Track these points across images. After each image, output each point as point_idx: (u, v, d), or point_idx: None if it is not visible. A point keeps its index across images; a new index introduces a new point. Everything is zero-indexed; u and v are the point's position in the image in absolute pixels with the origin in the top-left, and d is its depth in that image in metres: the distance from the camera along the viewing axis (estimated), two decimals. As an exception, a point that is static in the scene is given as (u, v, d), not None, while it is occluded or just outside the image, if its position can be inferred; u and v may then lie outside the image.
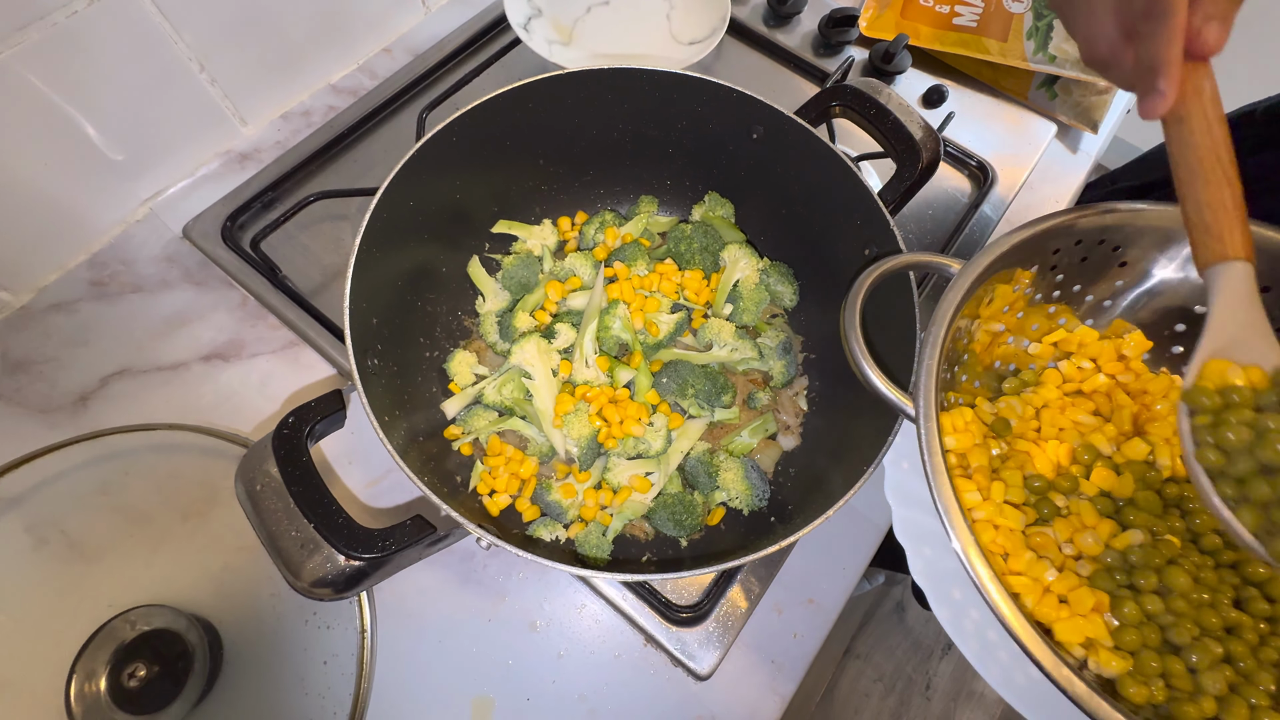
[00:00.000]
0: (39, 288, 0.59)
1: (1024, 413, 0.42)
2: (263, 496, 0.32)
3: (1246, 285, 0.34)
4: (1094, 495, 0.39)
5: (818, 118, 0.50)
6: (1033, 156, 0.74)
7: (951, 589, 0.37)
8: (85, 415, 0.55)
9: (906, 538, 0.38)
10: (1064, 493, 0.38)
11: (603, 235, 0.58)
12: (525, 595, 0.52)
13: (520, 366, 0.51)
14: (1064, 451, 0.40)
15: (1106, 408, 0.43)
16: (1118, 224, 0.41)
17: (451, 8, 0.78)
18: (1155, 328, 0.45)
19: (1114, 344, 0.44)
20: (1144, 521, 0.37)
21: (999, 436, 0.41)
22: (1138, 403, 0.42)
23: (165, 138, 0.61)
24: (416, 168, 0.46)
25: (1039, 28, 0.75)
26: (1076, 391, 0.43)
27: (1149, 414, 0.41)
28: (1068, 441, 0.41)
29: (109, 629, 0.47)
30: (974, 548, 0.31)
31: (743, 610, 0.51)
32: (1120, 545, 0.36)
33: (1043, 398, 0.42)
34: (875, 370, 0.36)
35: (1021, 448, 0.40)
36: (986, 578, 0.30)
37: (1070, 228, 0.39)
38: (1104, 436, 0.40)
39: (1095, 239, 0.41)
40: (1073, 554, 0.36)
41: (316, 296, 0.60)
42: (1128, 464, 0.39)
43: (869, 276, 0.39)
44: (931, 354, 0.35)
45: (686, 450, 0.51)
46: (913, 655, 1.46)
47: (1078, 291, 0.44)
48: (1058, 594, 0.34)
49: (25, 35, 0.48)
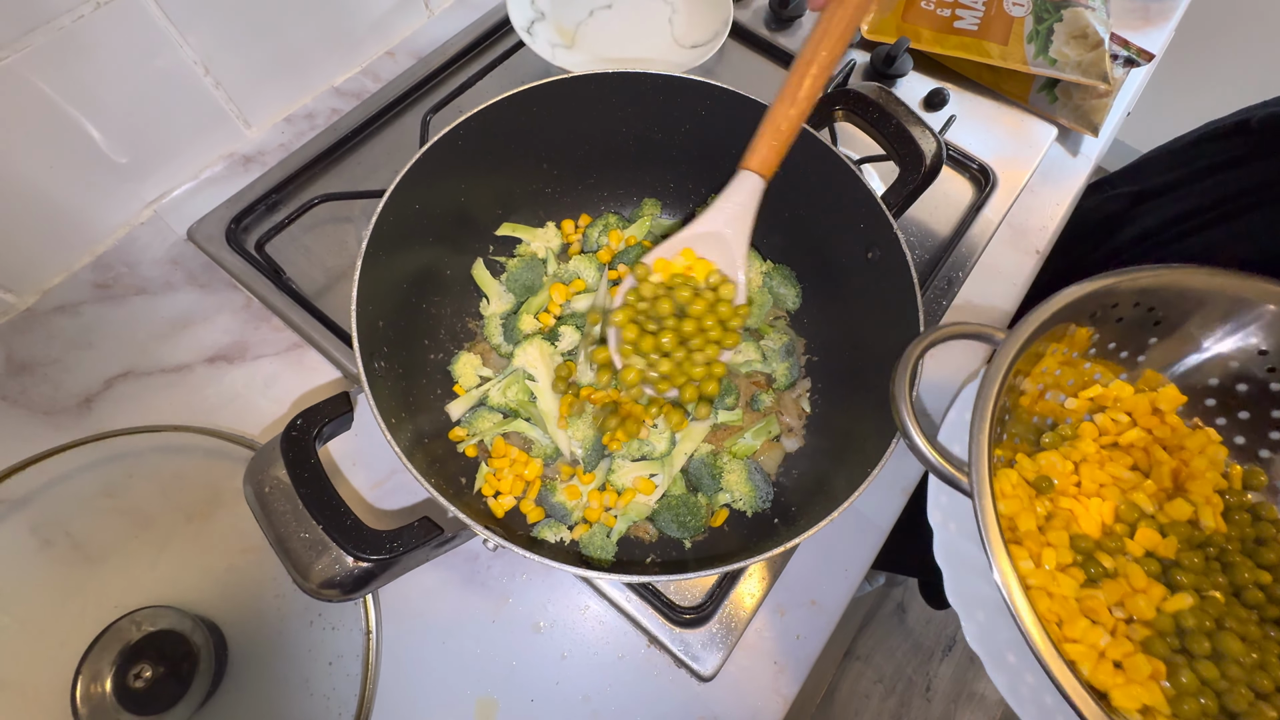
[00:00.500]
0: (44, 290, 0.59)
1: (1064, 468, 0.42)
2: (271, 498, 0.33)
3: (750, 195, 0.45)
4: (1140, 556, 0.39)
5: (820, 121, 0.50)
6: (1033, 159, 0.74)
7: (1007, 654, 0.37)
8: (90, 417, 0.55)
9: (959, 602, 0.39)
10: (1110, 553, 0.39)
11: (606, 238, 0.58)
12: (529, 596, 0.52)
13: (524, 369, 0.51)
14: (1108, 510, 0.41)
15: (1145, 463, 0.43)
16: (1153, 286, 0.42)
17: (455, 11, 0.78)
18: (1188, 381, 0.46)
19: (1148, 397, 0.45)
20: (1191, 582, 0.37)
21: (1042, 493, 0.41)
22: (1176, 458, 0.43)
23: (170, 140, 0.62)
24: (422, 171, 0.46)
25: (1039, 31, 0.76)
26: (1113, 445, 0.44)
27: (1188, 471, 0.42)
28: (1110, 499, 0.41)
29: (114, 630, 0.47)
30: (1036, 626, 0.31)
31: (746, 612, 0.51)
32: (1171, 609, 0.36)
33: (1081, 451, 0.43)
34: (927, 444, 0.37)
35: (1065, 505, 0.41)
36: (1047, 655, 0.30)
37: (1110, 291, 0.40)
38: (1145, 495, 0.41)
39: (1131, 301, 0.42)
40: (1124, 617, 0.37)
41: (320, 299, 0.60)
42: (1171, 524, 0.40)
43: (916, 348, 0.40)
44: (982, 428, 0.35)
45: (690, 452, 0.52)
46: (913, 657, 1.46)
47: (1113, 349, 0.45)
48: (1113, 659, 0.35)
49: (31, 39, 0.48)
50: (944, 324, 0.41)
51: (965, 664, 1.46)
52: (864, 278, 0.50)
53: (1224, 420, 0.45)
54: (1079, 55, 0.74)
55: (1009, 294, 0.67)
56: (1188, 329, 0.44)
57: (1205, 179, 0.62)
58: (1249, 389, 0.44)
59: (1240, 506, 0.41)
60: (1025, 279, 0.69)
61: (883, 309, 0.47)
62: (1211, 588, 0.37)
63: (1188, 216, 0.61)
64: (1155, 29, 0.88)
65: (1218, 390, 0.45)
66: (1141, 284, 0.41)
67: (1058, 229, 0.72)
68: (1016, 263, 0.69)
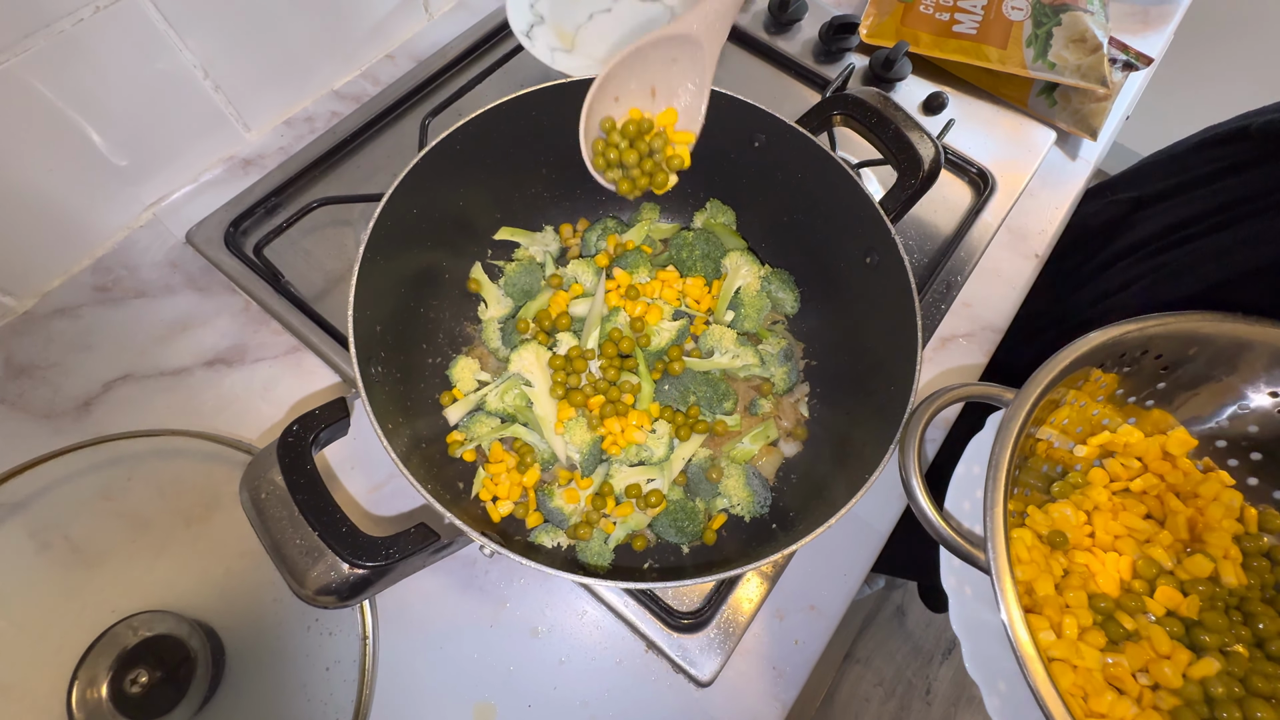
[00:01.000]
0: (43, 293, 0.59)
1: (1076, 519, 0.42)
2: (267, 504, 0.33)
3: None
4: (1161, 616, 0.39)
5: (819, 126, 0.50)
6: (1032, 163, 0.74)
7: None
8: (88, 420, 0.55)
9: (979, 673, 0.38)
10: (1131, 613, 0.38)
11: (605, 242, 0.58)
12: (526, 602, 0.52)
13: (520, 374, 0.51)
14: (1125, 565, 0.41)
15: (1159, 511, 0.43)
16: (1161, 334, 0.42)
17: (454, 14, 0.78)
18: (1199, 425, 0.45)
19: (1158, 441, 0.44)
20: (1215, 642, 0.37)
21: (1056, 549, 0.41)
22: (1190, 506, 0.43)
23: (169, 143, 0.62)
24: (419, 176, 0.46)
25: (1038, 35, 0.76)
26: (1125, 491, 0.44)
27: (1204, 520, 0.42)
28: (1127, 552, 0.41)
29: (111, 634, 0.47)
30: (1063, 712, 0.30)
31: (744, 617, 0.51)
32: (1197, 675, 0.36)
33: (1093, 500, 0.43)
34: (942, 520, 0.37)
35: (1081, 560, 0.41)
36: None
37: (1117, 343, 0.40)
38: (1162, 547, 0.41)
39: (1138, 350, 0.42)
40: (1148, 684, 0.36)
41: (319, 302, 0.60)
42: (1192, 581, 0.39)
43: (926, 412, 0.39)
44: (996, 499, 0.35)
45: (688, 457, 0.52)
46: (913, 660, 1.45)
47: (1120, 395, 0.45)
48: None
49: (31, 42, 0.48)
50: (947, 388, 0.40)
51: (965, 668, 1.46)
52: (863, 282, 0.50)
53: (1236, 461, 0.45)
54: (1078, 59, 0.74)
55: (1008, 297, 0.67)
56: (1196, 374, 0.44)
57: (1205, 185, 0.62)
58: (1259, 430, 0.44)
59: (1258, 552, 0.41)
60: (1024, 282, 0.69)
61: (881, 313, 0.47)
62: (1234, 641, 0.37)
63: (1188, 223, 0.61)
64: (1154, 33, 0.88)
65: (1228, 432, 0.45)
66: (1150, 333, 0.41)
67: (1057, 233, 0.72)
68: (1015, 266, 0.69)
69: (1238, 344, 0.42)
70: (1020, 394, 0.38)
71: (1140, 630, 0.38)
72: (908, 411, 0.39)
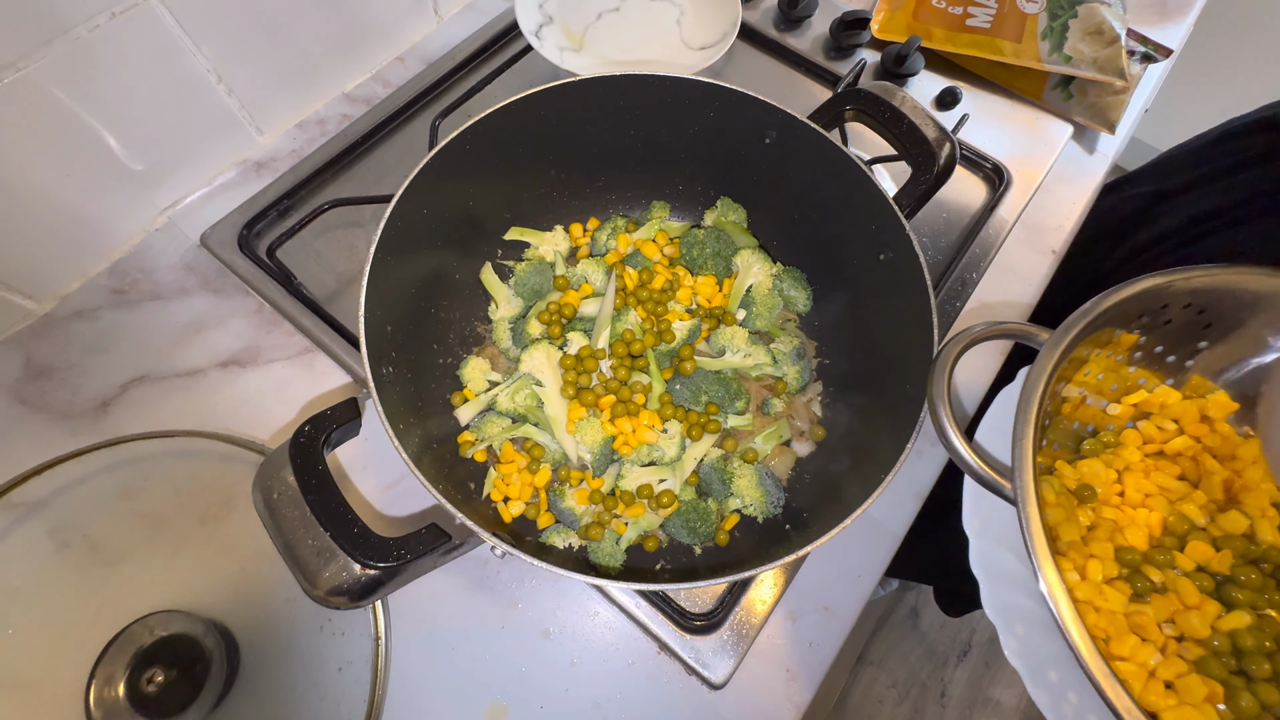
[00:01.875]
0: (61, 296, 0.60)
1: (1106, 477, 0.41)
2: (280, 505, 0.33)
3: None
4: (1191, 570, 0.38)
5: (831, 122, 0.49)
6: (1048, 158, 0.73)
7: (1049, 671, 0.36)
8: (106, 421, 0.56)
9: (997, 615, 0.37)
10: (1159, 566, 0.37)
11: (615, 241, 0.58)
12: (538, 602, 0.52)
13: (531, 374, 0.51)
14: (1155, 521, 0.39)
15: (1194, 472, 0.42)
16: (1206, 287, 0.40)
17: (463, 16, 0.78)
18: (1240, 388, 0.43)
19: (1197, 404, 0.43)
20: (1247, 599, 0.36)
21: (1084, 502, 0.40)
22: (1227, 468, 0.41)
23: (184, 147, 0.62)
24: (430, 176, 0.47)
25: (1054, 28, 0.74)
26: (1159, 453, 0.42)
27: (1241, 482, 0.40)
28: (1158, 510, 0.40)
29: (128, 633, 0.47)
30: (1088, 644, 0.30)
31: (757, 618, 0.51)
32: (1227, 627, 0.35)
33: (1124, 460, 0.41)
34: (968, 448, 0.36)
35: (1109, 515, 0.39)
36: (1100, 676, 0.29)
37: (1160, 291, 0.39)
38: (1195, 505, 0.39)
39: (1181, 303, 0.41)
40: (1174, 635, 0.35)
41: (331, 303, 0.60)
42: (1225, 538, 0.38)
43: (954, 349, 0.38)
44: (1026, 432, 0.34)
45: (700, 457, 0.51)
46: (927, 662, 1.44)
47: (1159, 353, 0.43)
48: (1164, 679, 0.33)
49: (49, 49, 0.49)
50: (983, 324, 0.39)
51: (980, 669, 1.44)
52: (876, 279, 0.50)
53: None
54: (1095, 51, 0.72)
55: (1025, 294, 0.66)
56: (1242, 333, 0.42)
57: (1227, 178, 0.61)
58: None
59: None
60: (1041, 279, 0.68)
61: (896, 311, 0.47)
62: (1268, 606, 0.36)
63: (1210, 216, 0.59)
64: (1173, 24, 0.86)
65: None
66: (1194, 284, 0.39)
67: (1074, 228, 0.71)
68: (1032, 263, 0.68)
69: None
70: (1059, 332, 0.36)
71: (1168, 583, 0.37)
72: (923, 412, 0.38)
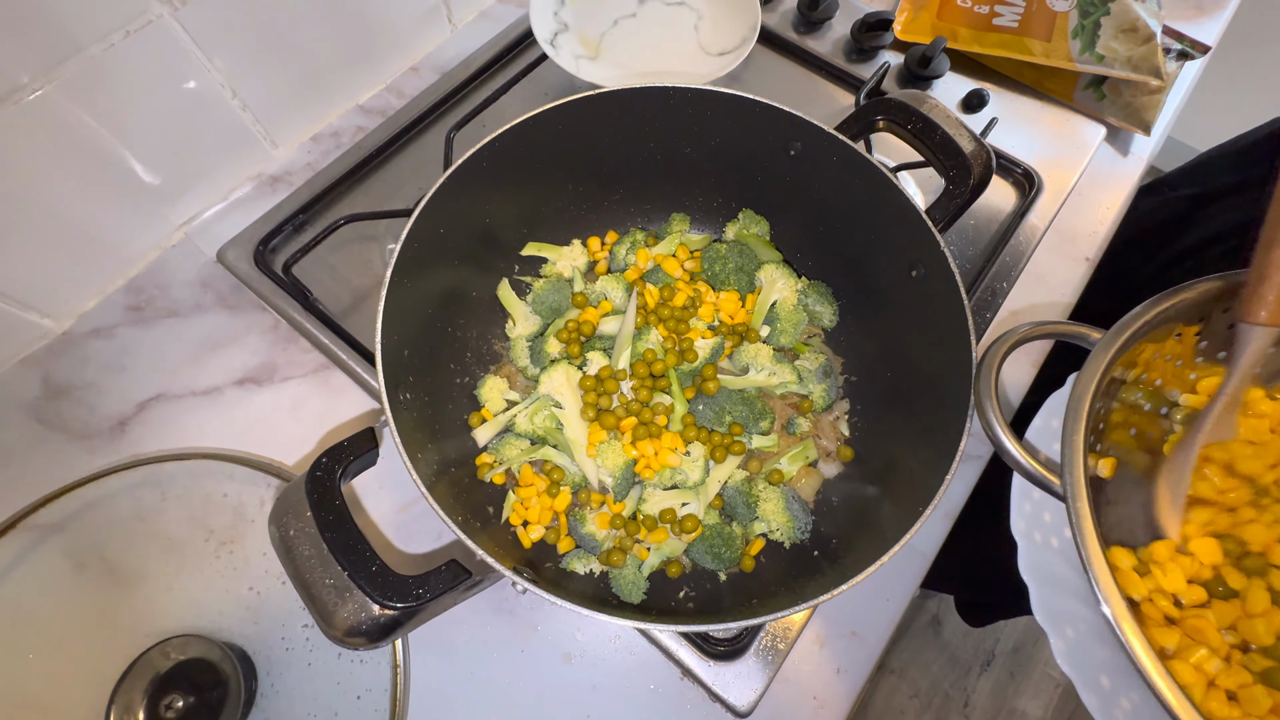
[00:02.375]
0: (79, 314, 0.60)
1: None
2: (296, 542, 0.32)
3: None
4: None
5: (859, 132, 0.48)
6: (1081, 161, 0.71)
7: (1100, 676, 0.34)
8: (124, 440, 0.56)
9: (1047, 620, 0.36)
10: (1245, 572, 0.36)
11: (634, 256, 0.56)
12: (558, 625, 0.51)
13: (550, 395, 0.50)
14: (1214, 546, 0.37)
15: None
16: None
17: (478, 25, 0.77)
18: None
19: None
20: None
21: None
22: None
23: (199, 163, 0.62)
24: (446, 194, 0.45)
25: (1085, 26, 0.72)
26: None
27: None
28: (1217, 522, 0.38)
29: (146, 659, 0.47)
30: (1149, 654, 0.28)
31: (783, 644, 0.49)
32: None
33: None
34: (1017, 446, 0.35)
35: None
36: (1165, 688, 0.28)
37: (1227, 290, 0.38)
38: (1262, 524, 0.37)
39: None
40: (1235, 643, 0.34)
41: (346, 319, 0.60)
42: None
43: (1002, 347, 0.37)
44: (1077, 427, 0.33)
45: (724, 479, 0.50)
46: (949, 671, 1.41)
47: (1224, 357, 0.41)
48: (1225, 689, 0.32)
49: (64, 69, 0.48)
50: (1029, 323, 0.38)
51: (1005, 679, 1.41)
52: (907, 296, 0.48)
53: None
54: (1129, 50, 0.70)
55: (1058, 304, 0.64)
56: None
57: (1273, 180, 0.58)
58: None
59: None
60: (1075, 288, 0.65)
61: (929, 330, 0.45)
62: None
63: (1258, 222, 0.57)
64: (1209, 19, 0.83)
65: None
66: None
67: (1108, 234, 0.68)
68: (1066, 270, 0.66)
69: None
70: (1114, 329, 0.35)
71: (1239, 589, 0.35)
72: (963, 439, 0.37)
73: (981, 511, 0.58)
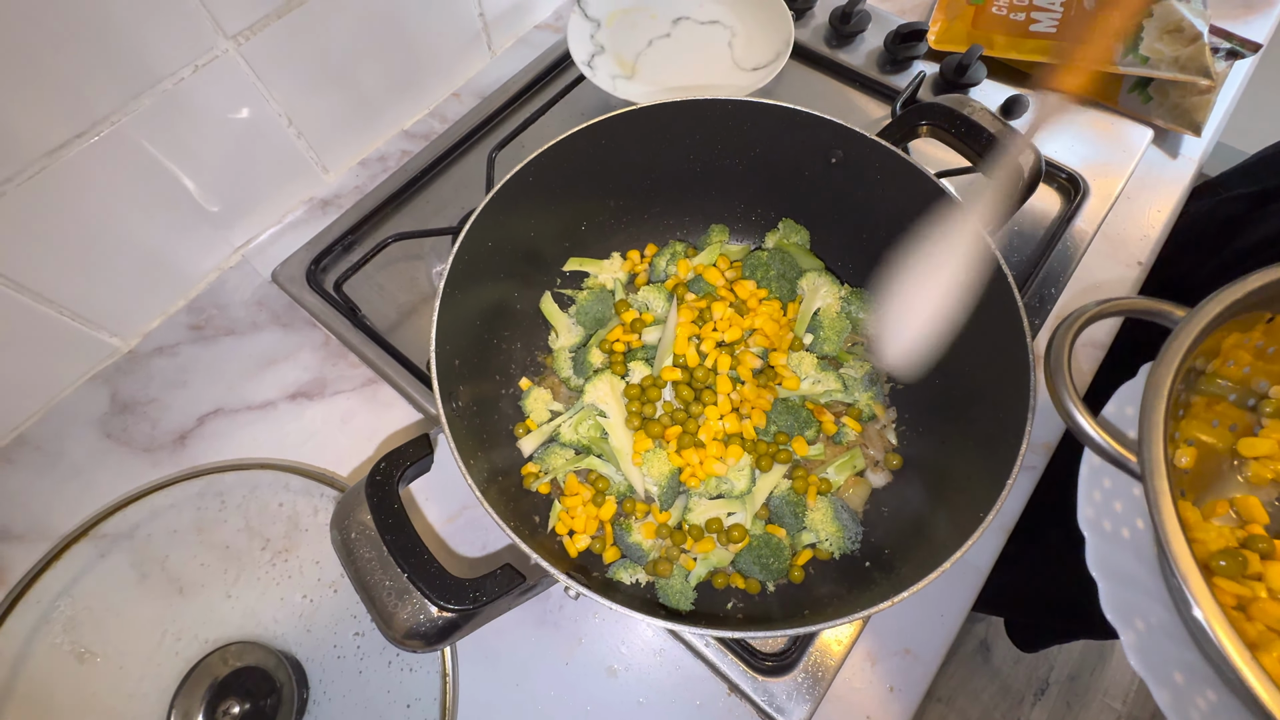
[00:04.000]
0: (144, 333, 0.63)
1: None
2: (357, 545, 0.32)
3: None
4: None
5: (902, 138, 0.47)
6: (1128, 165, 0.69)
7: (1174, 672, 0.33)
8: (183, 453, 0.58)
9: (1115, 615, 0.35)
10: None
11: (674, 267, 0.57)
12: (603, 638, 0.50)
13: (594, 405, 0.50)
14: None
15: None
16: None
17: (516, 50, 0.80)
18: None
19: None
20: None
21: None
22: None
23: (256, 188, 0.65)
24: (493, 210, 0.47)
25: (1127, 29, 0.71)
26: None
27: None
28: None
29: (205, 664, 0.48)
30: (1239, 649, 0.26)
31: (833, 660, 0.48)
32: None
33: None
34: (1090, 419, 0.33)
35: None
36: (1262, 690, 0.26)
37: None
38: None
39: None
40: None
41: (393, 334, 0.61)
42: None
43: (1076, 321, 0.36)
44: (1157, 405, 0.31)
45: (770, 489, 0.49)
46: (1001, 700, 1.34)
47: None
48: None
49: (139, 103, 0.52)
50: (1109, 298, 0.36)
51: (1061, 710, 1.34)
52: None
53: None
54: (1175, 51, 0.68)
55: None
56: None
57: None
58: None
59: None
60: (1127, 292, 0.63)
61: (980, 335, 0.44)
62: None
63: None
64: (1259, 17, 0.81)
65: None
66: None
67: (1160, 237, 0.66)
68: (1117, 275, 0.64)
69: None
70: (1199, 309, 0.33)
71: None
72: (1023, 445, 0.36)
73: (1035, 528, 0.56)
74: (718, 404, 0.49)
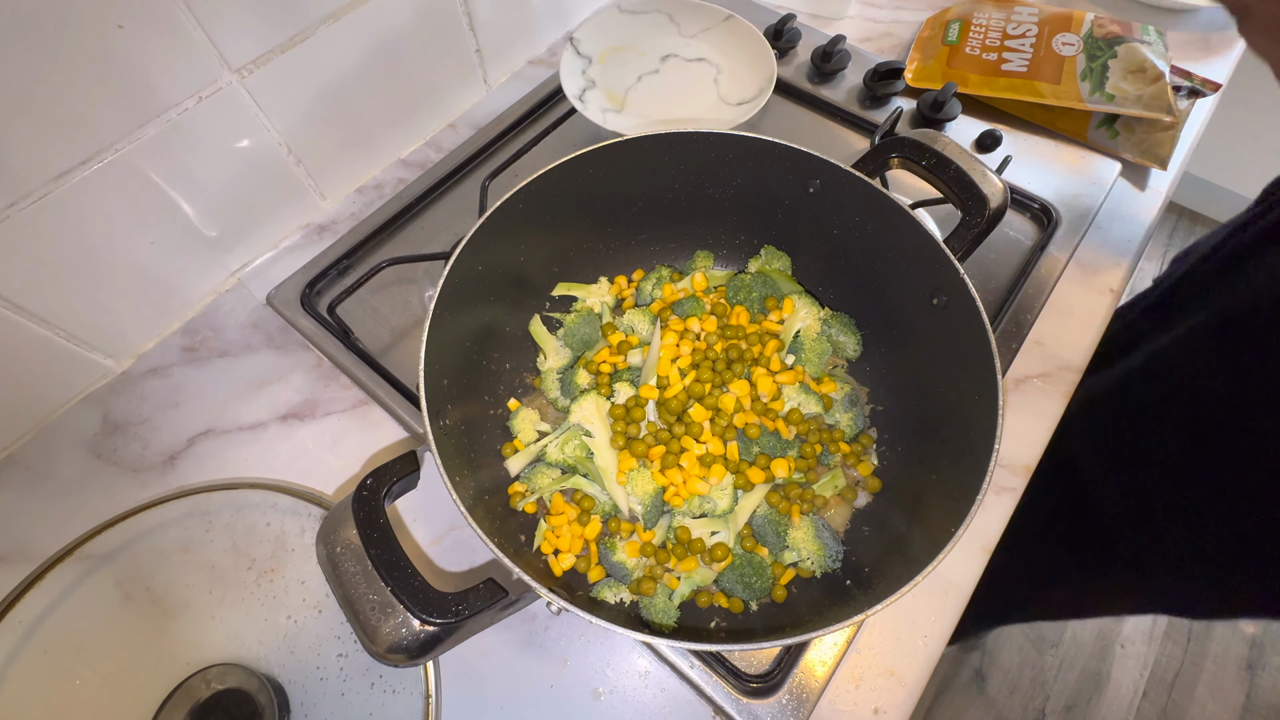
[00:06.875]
0: (138, 354, 0.64)
1: None
2: (342, 559, 0.33)
3: None
4: None
5: (875, 170, 0.50)
6: (1098, 196, 0.72)
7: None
8: (173, 474, 0.58)
9: None
10: None
11: (660, 291, 0.58)
12: (587, 660, 0.50)
13: (580, 425, 0.51)
14: None
15: None
16: None
17: (511, 84, 0.83)
18: None
19: None
20: None
21: None
22: None
23: (254, 214, 0.67)
24: (484, 235, 0.48)
25: (1093, 69, 0.74)
26: None
27: None
28: None
29: (186, 687, 0.48)
30: None
31: (818, 681, 0.48)
32: None
33: None
34: None
35: None
36: None
37: None
38: None
39: None
40: None
41: (385, 356, 0.62)
42: None
43: None
44: None
45: (752, 508, 0.50)
46: (998, 731, 1.33)
47: None
48: None
49: (144, 131, 0.54)
50: None
51: (1059, 740, 1.32)
52: (930, 324, 0.49)
53: None
54: (1138, 89, 0.72)
55: (1084, 334, 0.64)
56: None
57: None
58: None
59: None
60: (1101, 318, 0.65)
61: (953, 356, 0.46)
62: None
63: None
64: (1218, 59, 0.85)
65: None
66: None
67: (1132, 265, 0.69)
68: (1090, 302, 0.66)
69: None
70: None
71: None
72: (992, 460, 0.37)
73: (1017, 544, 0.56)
74: (697, 428, 0.50)
